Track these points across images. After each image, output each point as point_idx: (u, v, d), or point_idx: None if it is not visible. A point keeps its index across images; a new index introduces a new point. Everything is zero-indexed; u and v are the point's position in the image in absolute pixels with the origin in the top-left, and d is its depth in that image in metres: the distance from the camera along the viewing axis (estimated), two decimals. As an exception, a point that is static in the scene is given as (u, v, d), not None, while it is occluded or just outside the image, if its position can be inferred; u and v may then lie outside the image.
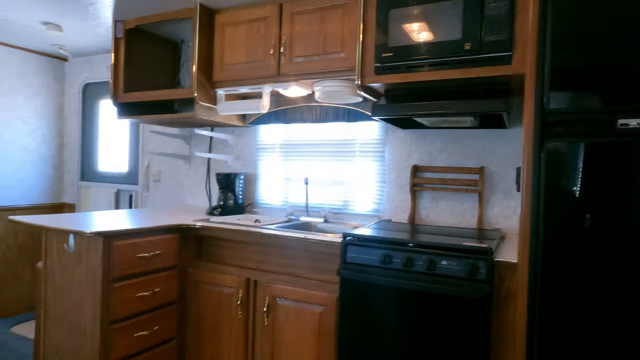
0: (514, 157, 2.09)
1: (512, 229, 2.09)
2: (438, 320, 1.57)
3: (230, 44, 2.37)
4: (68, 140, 3.75)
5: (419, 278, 1.59)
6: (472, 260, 1.51)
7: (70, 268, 1.91)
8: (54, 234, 1.97)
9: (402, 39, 1.82)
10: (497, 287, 1.53)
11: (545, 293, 1.38)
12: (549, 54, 1.37)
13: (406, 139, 2.33)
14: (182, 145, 3.11)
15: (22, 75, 3.44)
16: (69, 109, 3.74)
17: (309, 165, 2.63)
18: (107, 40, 3.13)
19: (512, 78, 1.71)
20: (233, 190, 2.68)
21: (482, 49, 1.66)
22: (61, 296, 1.95)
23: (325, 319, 1.84)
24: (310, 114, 2.55)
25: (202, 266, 2.19)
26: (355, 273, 1.70)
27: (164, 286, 2.08)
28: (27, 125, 3.49)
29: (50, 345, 2.00)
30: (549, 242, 1.38)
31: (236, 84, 2.39)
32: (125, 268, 1.89)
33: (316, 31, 2.12)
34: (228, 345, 2.09)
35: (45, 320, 2.01)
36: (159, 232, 2.05)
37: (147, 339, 2.00)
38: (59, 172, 3.75)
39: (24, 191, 3.50)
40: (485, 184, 2.14)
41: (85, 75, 3.63)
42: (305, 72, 2.16)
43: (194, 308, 2.19)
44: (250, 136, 2.83)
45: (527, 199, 1.42)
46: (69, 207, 3.73)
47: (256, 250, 2.09)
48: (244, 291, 2.04)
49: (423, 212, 2.29)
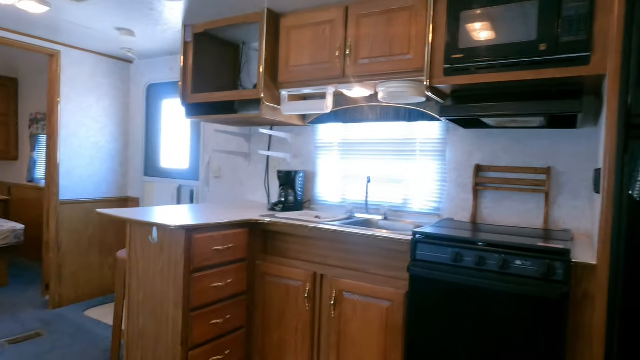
0: (583, 157, 2.06)
1: (581, 229, 2.06)
2: (510, 319, 1.59)
3: (295, 46, 2.46)
4: (133, 138, 3.98)
5: (491, 277, 1.62)
6: (548, 260, 1.52)
7: (154, 258, 2.07)
8: (138, 227, 2.13)
9: (473, 40, 1.83)
10: (574, 288, 1.53)
11: (627, 297, 1.37)
12: (636, 54, 1.36)
13: (468, 138, 2.34)
14: (242, 143, 3.24)
15: (93, 77, 3.69)
16: (134, 109, 3.97)
17: (367, 163, 2.68)
18: (171, 43, 3.30)
19: (586, 79, 1.70)
20: (293, 187, 2.78)
21: (558, 50, 1.66)
22: (144, 284, 2.11)
23: (393, 314, 1.90)
24: (371, 114, 2.61)
25: (269, 259, 2.30)
26: (426, 270, 1.74)
27: (235, 277, 2.20)
28: (97, 123, 3.74)
29: (133, 329, 2.17)
30: (631, 245, 1.37)
31: (301, 85, 2.47)
32: (203, 260, 2.02)
33: (382, 33, 2.16)
34: (294, 335, 2.19)
35: (129, 307, 2.18)
36: (231, 227, 2.18)
37: (220, 326, 2.13)
38: (125, 167, 4.00)
39: (95, 185, 3.76)
40: (552, 184, 2.13)
41: (149, 77, 3.84)
42: (370, 74, 2.22)
43: (261, 299, 2.31)
44: (309, 135, 2.92)
45: (608, 200, 1.41)
46: (134, 201, 3.96)
47: (320, 245, 2.17)
48: (311, 284, 2.13)
49: (485, 212, 2.30)
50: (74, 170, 3.60)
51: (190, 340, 1.98)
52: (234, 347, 2.22)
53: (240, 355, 2.26)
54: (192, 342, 1.99)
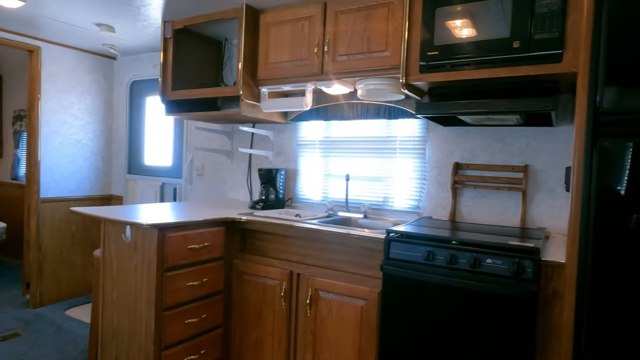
0: (561, 155, 2.06)
1: (558, 228, 2.06)
2: (481, 317, 1.58)
3: (274, 43, 2.44)
4: (116, 135, 3.94)
5: (462, 275, 1.61)
6: (518, 259, 1.52)
7: (127, 257, 2.04)
8: (112, 225, 2.11)
9: (448, 37, 1.82)
10: (543, 286, 1.53)
11: (595, 295, 1.37)
12: (604, 52, 1.35)
13: (447, 136, 2.34)
14: (225, 141, 3.22)
15: (75, 73, 3.64)
16: (117, 106, 3.93)
17: (348, 161, 2.67)
18: (154, 39, 3.26)
19: (560, 76, 1.69)
20: (274, 185, 2.76)
21: (531, 47, 1.65)
22: (118, 283, 2.09)
23: (367, 313, 1.89)
24: (351, 111, 2.59)
25: (247, 258, 2.28)
26: (398, 269, 1.73)
27: (211, 276, 2.18)
28: (79, 121, 3.70)
29: (107, 328, 2.14)
30: (599, 243, 1.37)
31: (280, 82, 2.45)
32: (178, 258, 2.00)
33: (360, 30, 2.15)
34: (271, 334, 2.17)
35: (103, 305, 2.16)
36: (207, 225, 2.15)
37: (196, 325, 2.11)
38: (108, 165, 3.96)
39: (77, 183, 3.71)
40: (529, 183, 2.12)
41: (132, 73, 3.80)
42: (348, 71, 2.20)
43: (239, 298, 2.29)
44: (291, 133, 2.90)
45: (576, 198, 1.41)
46: (117, 199, 3.93)
47: (299, 244, 2.16)
48: (287, 283, 2.12)
49: (464, 210, 2.29)
50: (56, 167, 3.55)
51: (163, 340, 1.96)
52: (210, 347, 2.20)
53: (216, 354, 2.24)
54: (166, 341, 1.96)
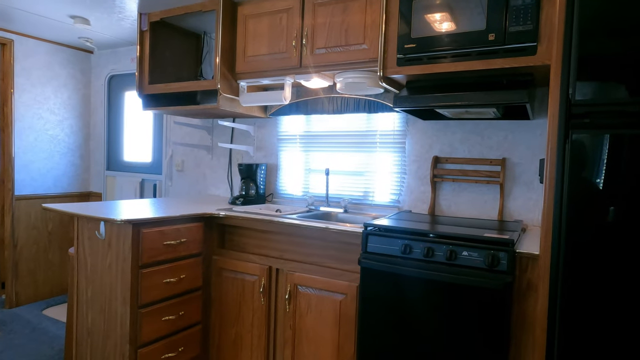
0: (537, 148, 2.08)
1: (535, 220, 2.08)
2: (458, 309, 1.59)
3: (252, 36, 2.40)
4: (94, 131, 3.86)
5: (439, 268, 1.61)
6: (493, 251, 1.52)
7: (101, 254, 2.00)
8: (85, 222, 2.06)
9: (425, 29, 1.81)
10: (518, 278, 1.54)
11: (567, 286, 1.38)
12: (576, 45, 1.36)
13: (427, 130, 2.33)
14: (205, 136, 3.17)
15: (50, 67, 3.55)
16: (95, 101, 3.84)
17: (329, 156, 2.65)
18: (131, 32, 3.20)
19: (536, 69, 1.70)
20: (254, 181, 2.73)
21: (507, 40, 1.65)
22: (92, 281, 2.04)
23: (346, 307, 1.88)
24: (331, 105, 2.57)
25: (226, 254, 2.26)
26: (376, 262, 1.73)
27: (189, 273, 2.15)
28: (56, 116, 3.61)
29: (82, 327, 2.10)
30: (571, 234, 1.37)
31: (258, 75, 2.42)
32: (153, 255, 1.96)
33: (338, 22, 2.12)
34: (250, 330, 2.15)
35: (77, 304, 2.11)
36: (184, 221, 2.12)
37: (173, 323, 2.07)
38: (86, 162, 3.87)
39: (54, 180, 3.63)
40: (507, 176, 2.13)
41: (110, 68, 3.72)
42: (326, 64, 2.18)
43: (218, 294, 2.26)
44: (271, 127, 2.87)
45: (550, 190, 1.42)
46: (96, 195, 3.85)
47: (278, 239, 2.14)
48: (266, 279, 2.10)
49: (443, 204, 2.30)
50: (31, 164, 3.46)
51: (139, 338, 1.92)
52: (189, 344, 2.17)
53: (195, 352, 2.21)
54: (142, 339, 1.93)
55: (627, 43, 1.29)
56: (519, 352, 1.55)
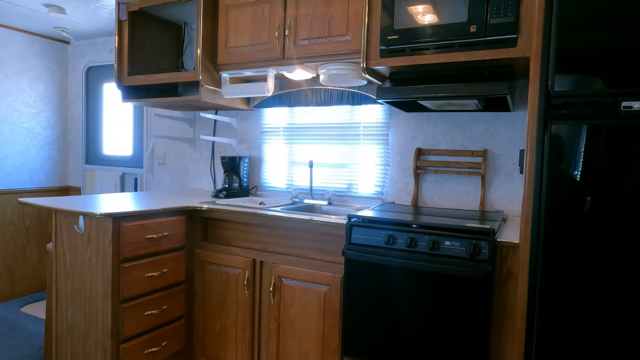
0: (518, 140, 2.11)
1: (515, 211, 2.12)
2: (441, 298, 1.61)
3: (234, 27, 2.37)
4: (72, 124, 3.77)
5: (422, 258, 1.63)
6: (474, 240, 1.55)
7: (81, 249, 1.96)
8: (63, 216, 2.01)
9: (408, 21, 1.81)
10: (499, 267, 1.57)
11: (546, 274, 1.41)
12: (555, 37, 1.38)
13: (410, 122, 2.35)
14: (187, 129, 3.12)
15: (24, 58, 3.44)
16: (73, 93, 3.75)
17: (313, 148, 2.65)
18: (109, 22, 3.12)
19: (516, 61, 1.72)
20: (238, 174, 2.71)
21: (488, 32, 1.66)
22: (72, 276, 2.00)
23: (330, 298, 1.89)
24: (315, 97, 2.56)
25: (209, 247, 2.24)
26: (360, 253, 1.73)
27: (172, 267, 2.12)
28: (31, 108, 3.51)
29: (61, 323, 2.06)
30: (551, 224, 1.40)
31: (241, 67, 2.39)
32: (135, 249, 1.93)
33: (321, 13, 2.11)
34: (235, 323, 2.14)
35: (56, 300, 2.07)
36: (166, 214, 2.09)
37: (156, 317, 2.05)
38: (64, 155, 3.78)
39: (30, 174, 3.53)
40: (488, 167, 2.16)
41: (88, 59, 3.63)
42: (309, 55, 2.17)
43: (201, 288, 2.25)
44: (255, 119, 2.84)
45: (529, 180, 1.44)
46: (75, 190, 3.77)
47: (262, 232, 2.13)
48: (250, 271, 2.09)
49: (426, 195, 2.32)
50: (6, 158, 3.36)
51: (121, 333, 1.89)
52: (172, 338, 2.15)
53: (179, 346, 2.20)
54: (124, 334, 1.90)
55: (604, 36, 1.31)
56: (499, 338, 1.59)
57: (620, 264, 1.30)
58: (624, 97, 1.29)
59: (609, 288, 1.32)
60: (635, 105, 1.27)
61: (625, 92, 1.29)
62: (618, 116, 1.30)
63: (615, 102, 1.30)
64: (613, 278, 1.31)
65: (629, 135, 1.29)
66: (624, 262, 1.29)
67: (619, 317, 1.31)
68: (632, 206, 1.28)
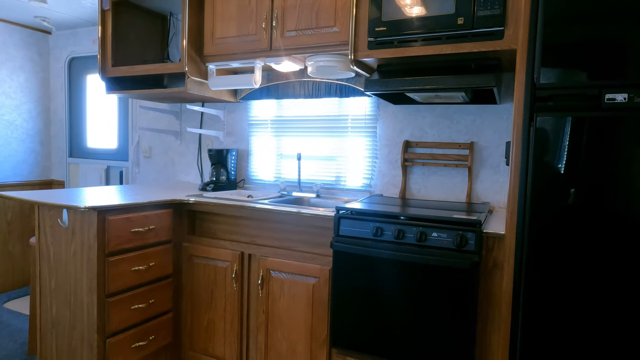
0: (504, 132, 2.13)
1: (501, 202, 2.14)
2: (428, 289, 1.62)
3: (221, 17, 2.34)
4: (55, 116, 3.69)
5: (410, 250, 1.64)
6: (461, 232, 1.56)
7: (65, 243, 1.92)
8: (46, 210, 1.97)
9: (396, 13, 1.81)
10: (485, 257, 1.58)
11: (531, 264, 1.43)
12: (541, 29, 1.39)
13: (398, 114, 2.35)
14: (173, 121, 3.08)
15: (4, 48, 3.35)
16: (55, 84, 3.66)
17: (301, 141, 2.63)
18: (92, 12, 3.05)
19: (503, 54, 1.73)
20: (225, 166, 2.69)
21: (475, 24, 1.67)
22: (56, 271, 1.97)
23: (319, 291, 1.90)
24: (303, 90, 2.55)
25: (196, 241, 2.22)
26: (348, 245, 1.74)
27: (159, 260, 2.10)
28: (12, 100, 3.42)
29: (46, 319, 2.03)
30: (536, 214, 1.42)
31: (227, 58, 2.36)
32: (120, 242, 1.90)
33: (309, 4, 2.09)
34: (223, 317, 2.14)
35: (40, 295, 2.03)
36: (152, 207, 2.07)
37: (143, 311, 2.03)
38: (47, 148, 3.70)
39: (12, 168, 3.45)
40: (474, 159, 2.18)
41: (70, 49, 3.55)
42: (297, 47, 2.15)
43: (189, 281, 2.23)
44: (242, 112, 2.82)
45: (515, 172, 1.46)
46: (58, 183, 3.70)
47: (250, 225, 2.12)
48: (238, 264, 2.08)
49: (414, 187, 2.33)
50: (-14, 151, 3.28)
51: (107, 328, 1.87)
52: (160, 332, 2.14)
53: (167, 340, 2.18)
54: (110, 329, 1.88)
55: (588, 30, 1.33)
56: (485, 327, 1.61)
57: (603, 254, 1.32)
58: (607, 89, 1.31)
59: (593, 278, 1.34)
60: (619, 97, 1.29)
61: (608, 84, 1.30)
62: (602, 108, 1.32)
63: (599, 94, 1.32)
64: (597, 268, 1.33)
65: (612, 127, 1.31)
66: (607, 252, 1.32)
67: (603, 306, 1.33)
68: (615, 197, 1.31)
